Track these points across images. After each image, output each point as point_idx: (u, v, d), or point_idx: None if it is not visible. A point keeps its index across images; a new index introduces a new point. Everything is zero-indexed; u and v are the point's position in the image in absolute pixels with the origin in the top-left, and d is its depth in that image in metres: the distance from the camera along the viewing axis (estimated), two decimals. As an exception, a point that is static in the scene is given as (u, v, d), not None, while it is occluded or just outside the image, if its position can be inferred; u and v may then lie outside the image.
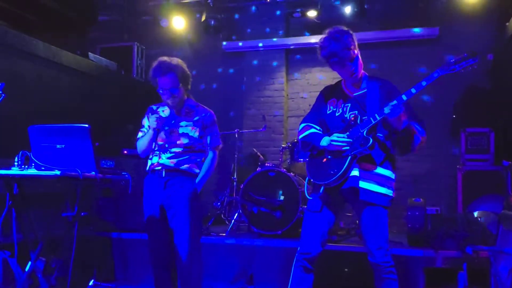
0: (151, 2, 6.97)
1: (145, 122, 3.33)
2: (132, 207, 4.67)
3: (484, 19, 6.16)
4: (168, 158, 3.16)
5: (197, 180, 3.19)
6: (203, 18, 6.84)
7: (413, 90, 2.67)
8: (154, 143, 3.19)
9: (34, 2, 6.44)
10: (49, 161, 3.12)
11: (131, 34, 7.31)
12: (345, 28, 2.82)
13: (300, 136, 3.02)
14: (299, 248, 2.91)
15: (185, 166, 3.16)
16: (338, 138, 2.77)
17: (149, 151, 3.25)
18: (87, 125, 3.10)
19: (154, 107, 3.36)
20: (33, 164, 3.15)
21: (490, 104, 5.86)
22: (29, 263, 3.41)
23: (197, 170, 3.22)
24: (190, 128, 3.22)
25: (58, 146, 3.14)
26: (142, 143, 3.26)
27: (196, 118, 3.26)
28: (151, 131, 3.16)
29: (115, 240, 4.72)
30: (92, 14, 7.21)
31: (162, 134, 3.19)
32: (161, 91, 3.18)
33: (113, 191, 4.78)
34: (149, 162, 3.27)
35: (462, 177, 5.36)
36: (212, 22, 6.93)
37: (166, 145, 3.18)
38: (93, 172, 3.09)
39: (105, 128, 5.33)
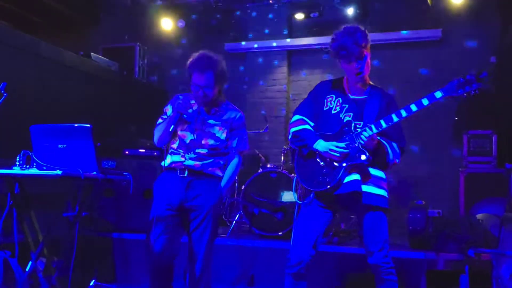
0: (154, 3, 6.98)
1: (168, 109, 3.10)
2: (133, 208, 4.67)
3: (487, 21, 6.15)
4: (192, 159, 2.97)
5: (222, 184, 3.05)
6: (206, 19, 6.86)
7: (413, 108, 2.65)
8: (174, 133, 2.98)
9: (37, 2, 6.47)
10: (51, 161, 3.12)
11: (133, 34, 7.32)
12: (362, 28, 2.82)
13: (293, 129, 2.96)
14: (290, 258, 2.83)
15: (209, 169, 3.01)
16: (337, 149, 2.73)
17: (166, 139, 3.02)
18: (88, 125, 3.10)
19: (181, 97, 3.09)
20: (34, 164, 3.16)
21: (492, 106, 5.84)
22: (30, 263, 3.42)
23: (220, 173, 3.07)
24: (217, 128, 3.03)
25: (59, 146, 3.15)
26: (159, 128, 3.03)
27: (225, 118, 3.07)
28: (171, 115, 2.95)
29: (116, 241, 4.71)
30: (95, 14, 7.24)
31: (186, 130, 3.00)
32: (193, 88, 2.98)
33: (115, 191, 4.77)
34: (169, 159, 3.04)
35: (465, 179, 5.35)
36: (215, 23, 6.95)
37: (191, 144, 2.99)
38: (95, 172, 3.10)
39: (107, 128, 5.33)
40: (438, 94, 2.62)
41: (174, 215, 2.96)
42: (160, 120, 3.09)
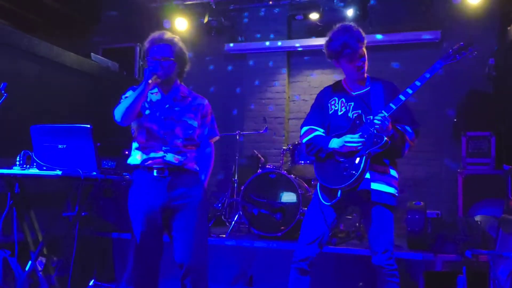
0: (154, 4, 6.99)
1: (129, 93, 2.91)
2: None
3: (485, 23, 6.16)
4: (169, 152, 2.78)
5: (203, 177, 2.94)
6: (206, 20, 6.86)
7: (417, 83, 2.70)
8: (139, 126, 2.80)
9: (37, 2, 6.47)
10: (51, 161, 3.12)
11: (134, 35, 7.32)
12: (356, 26, 2.84)
13: (304, 140, 2.95)
14: (296, 251, 2.88)
15: (189, 164, 2.85)
16: (352, 139, 2.71)
17: (133, 114, 2.75)
18: (89, 126, 3.10)
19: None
20: (34, 164, 3.16)
21: (491, 108, 5.86)
22: (30, 262, 3.42)
23: (197, 167, 2.93)
24: (188, 115, 2.87)
25: (60, 146, 3.14)
26: (126, 101, 2.75)
27: (193, 105, 2.91)
28: (142, 86, 2.69)
29: (115, 240, 4.72)
30: (95, 14, 7.24)
31: (153, 120, 2.81)
32: (149, 61, 2.83)
33: (114, 191, 4.78)
34: (140, 155, 2.82)
35: (463, 181, 5.35)
36: (215, 24, 6.95)
37: (165, 136, 2.79)
38: (94, 173, 3.09)
39: (107, 128, 5.33)
40: (438, 65, 2.71)
41: (157, 217, 2.80)
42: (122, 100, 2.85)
